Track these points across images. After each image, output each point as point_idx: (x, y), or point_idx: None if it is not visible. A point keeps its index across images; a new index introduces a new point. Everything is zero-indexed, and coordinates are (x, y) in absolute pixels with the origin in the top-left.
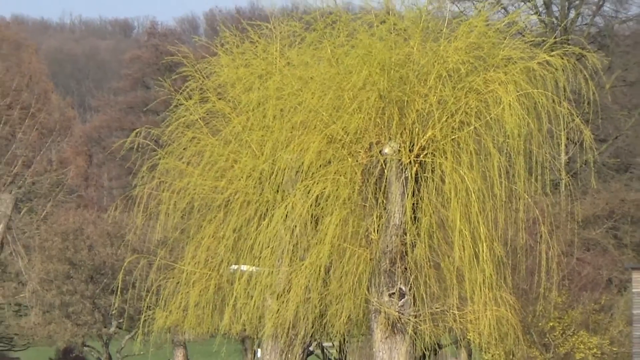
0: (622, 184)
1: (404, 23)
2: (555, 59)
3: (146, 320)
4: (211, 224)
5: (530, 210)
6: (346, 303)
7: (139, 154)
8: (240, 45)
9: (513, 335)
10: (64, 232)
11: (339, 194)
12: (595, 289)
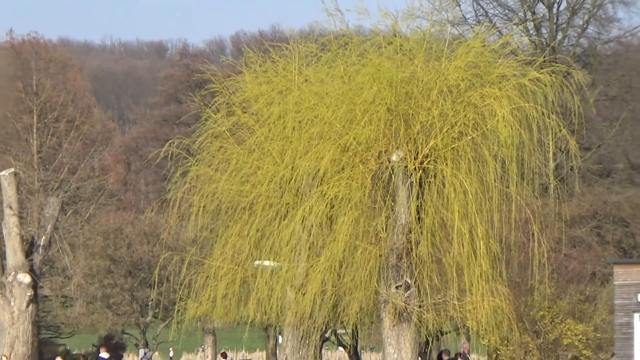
0: (605, 188)
1: (409, 44)
2: (545, 76)
3: (179, 311)
4: (237, 224)
5: (522, 211)
6: (358, 294)
7: (173, 161)
8: (262, 64)
9: (507, 323)
10: (105, 231)
11: (351, 197)
12: (581, 282)
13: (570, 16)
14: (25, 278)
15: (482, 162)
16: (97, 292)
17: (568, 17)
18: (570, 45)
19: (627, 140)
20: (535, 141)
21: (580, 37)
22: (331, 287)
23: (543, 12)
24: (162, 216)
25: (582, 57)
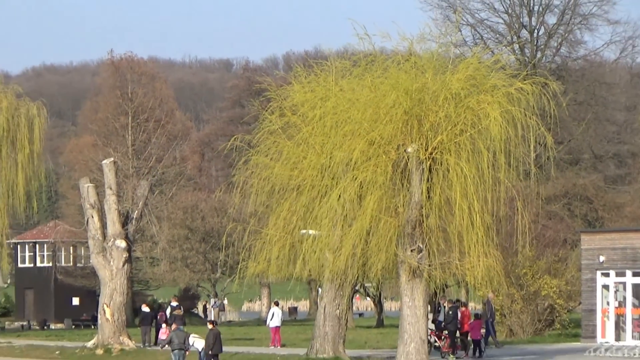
0: (574, 173)
1: (422, 61)
2: (527, 86)
3: (242, 269)
4: (287, 201)
5: (509, 191)
6: (381, 256)
7: (237, 152)
8: (307, 77)
9: (497, 278)
10: (184, 207)
11: (376, 180)
12: (555, 246)
13: (547, 39)
14: (122, 243)
15: (478, 153)
16: (178, 255)
17: (545, 40)
18: (547, 62)
19: (591, 136)
20: (519, 137)
21: (555, 55)
22: (360, 250)
23: (526, 36)
24: (229, 195)
25: (556, 71)
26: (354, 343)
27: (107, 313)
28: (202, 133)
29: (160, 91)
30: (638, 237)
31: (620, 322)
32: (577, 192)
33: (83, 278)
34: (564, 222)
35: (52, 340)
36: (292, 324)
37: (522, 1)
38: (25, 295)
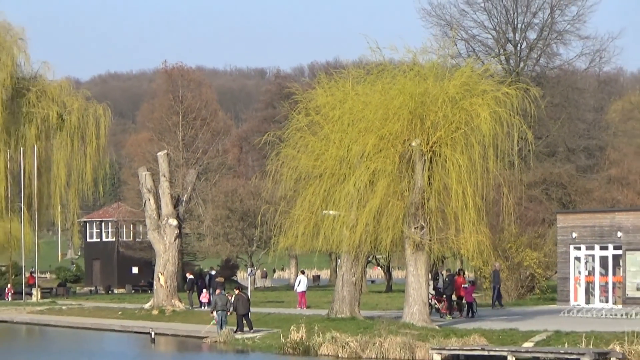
0: (551, 163)
1: (424, 70)
2: (512, 91)
3: (273, 243)
4: (311, 186)
5: (497, 179)
6: (390, 232)
7: (270, 146)
8: (328, 82)
9: (487, 251)
10: (226, 191)
11: (386, 169)
12: (535, 225)
13: (529, 52)
14: (173, 222)
15: (470, 146)
16: (220, 231)
17: (527, 53)
18: (528, 71)
19: (565, 132)
20: (505, 133)
21: (535, 65)
22: (372, 228)
23: (511, 49)
24: (263, 181)
25: (536, 78)
26: (367, 305)
27: (161, 280)
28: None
29: (206, 95)
30: (604, 217)
31: (590, 288)
32: (553, 179)
33: (141, 251)
34: (543, 204)
35: (115, 302)
36: (315, 289)
37: (507, 20)
38: (93, 265)
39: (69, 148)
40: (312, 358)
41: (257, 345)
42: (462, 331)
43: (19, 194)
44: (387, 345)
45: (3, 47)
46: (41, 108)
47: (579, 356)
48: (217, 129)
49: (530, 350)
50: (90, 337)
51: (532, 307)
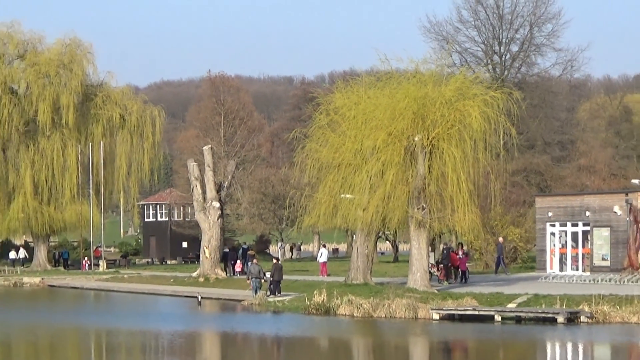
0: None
1: (425, 77)
2: (497, 94)
3: (300, 221)
4: (331, 174)
5: (485, 167)
6: (397, 212)
7: (297, 141)
8: (345, 87)
9: (477, 228)
10: (260, 179)
11: (393, 160)
12: (517, 206)
13: (512, 62)
14: (216, 204)
15: (463, 141)
16: (255, 212)
17: (510, 62)
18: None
19: (542, 129)
20: (492, 129)
21: (517, 73)
22: (382, 209)
23: (497, 59)
24: (291, 170)
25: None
26: (377, 273)
27: (206, 253)
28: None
29: (243, 98)
30: (575, 199)
31: (563, 258)
32: (533, 168)
33: (190, 228)
34: (524, 188)
35: (168, 271)
36: (334, 260)
37: (494, 35)
38: (150, 240)
39: (130, 143)
40: (332, 317)
41: (286, 306)
42: (457, 294)
43: (88, 182)
44: (394, 306)
45: (74, 60)
46: (106, 110)
47: (554, 315)
48: (253, 126)
49: (513, 310)
50: (147, 300)
51: (515, 274)
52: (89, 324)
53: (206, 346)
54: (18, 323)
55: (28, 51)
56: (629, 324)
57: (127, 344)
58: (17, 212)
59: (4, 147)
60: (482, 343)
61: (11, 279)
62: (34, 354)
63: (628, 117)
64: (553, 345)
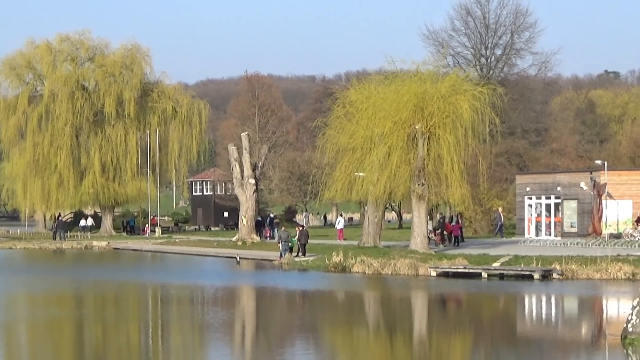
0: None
1: (424, 76)
2: (484, 90)
3: (321, 195)
4: (347, 156)
5: (474, 150)
6: (401, 188)
7: (318, 128)
8: (358, 84)
9: (467, 200)
10: (288, 160)
11: (398, 144)
12: (501, 182)
13: (496, 63)
14: (252, 181)
15: (456, 128)
16: (284, 187)
17: (495, 64)
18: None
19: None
20: (480, 119)
21: (500, 72)
22: (389, 184)
23: (483, 61)
24: (313, 153)
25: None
26: (385, 237)
27: (244, 221)
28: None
29: (274, 93)
30: (548, 177)
31: (538, 225)
32: (513, 151)
33: (230, 201)
34: (506, 168)
35: (212, 236)
36: (349, 227)
37: (481, 41)
38: (197, 211)
39: (180, 131)
40: (347, 274)
41: (310, 265)
42: (450, 255)
43: (146, 162)
44: (399, 265)
45: (135, 62)
46: (161, 103)
47: (532, 272)
48: (282, 117)
49: (497, 268)
50: (194, 260)
51: (499, 239)
52: (147, 279)
53: (243, 298)
54: (88, 279)
55: (96, 55)
56: (593, 280)
57: (177, 296)
58: (88, 187)
59: (77, 134)
60: (471, 295)
61: (83, 243)
62: (101, 304)
63: (592, 109)
64: (530, 297)
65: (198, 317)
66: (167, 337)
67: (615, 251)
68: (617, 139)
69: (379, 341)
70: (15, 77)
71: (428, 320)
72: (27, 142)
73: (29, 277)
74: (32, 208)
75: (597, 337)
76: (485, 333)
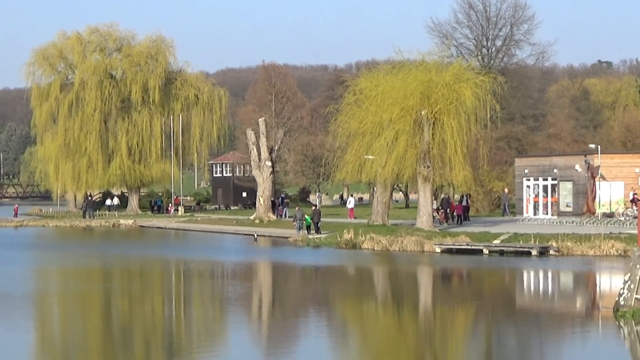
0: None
1: (429, 65)
2: (485, 78)
3: (333, 176)
4: (357, 140)
5: (476, 135)
6: (408, 169)
7: (330, 114)
8: (368, 73)
9: (470, 181)
10: (302, 144)
11: (405, 128)
12: (501, 164)
13: (496, 54)
14: (269, 163)
15: (459, 114)
16: (298, 169)
17: (495, 54)
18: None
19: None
20: (481, 105)
21: (501, 62)
22: (397, 166)
23: (485, 52)
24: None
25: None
26: (393, 216)
27: (261, 200)
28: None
29: (289, 82)
30: (545, 160)
31: (536, 205)
32: (513, 135)
33: (248, 182)
34: (506, 151)
35: (231, 215)
36: (359, 206)
37: (483, 33)
38: (217, 191)
39: (202, 116)
40: (357, 250)
41: (322, 242)
42: (454, 233)
43: (170, 146)
44: (406, 242)
45: (159, 52)
46: (184, 91)
47: (530, 249)
48: (296, 103)
49: (498, 245)
50: (215, 237)
51: (499, 218)
52: (170, 255)
53: (260, 272)
54: (115, 254)
55: (123, 45)
56: (587, 256)
57: (199, 270)
58: (115, 169)
59: (105, 119)
60: (473, 270)
61: (110, 221)
62: (127, 277)
63: (586, 96)
64: (528, 273)
65: (218, 290)
66: (188, 308)
67: (608, 229)
68: (609, 124)
69: (387, 313)
70: (48, 67)
71: (433, 293)
72: (59, 126)
73: (60, 253)
74: (63, 188)
75: (591, 309)
76: (487, 305)
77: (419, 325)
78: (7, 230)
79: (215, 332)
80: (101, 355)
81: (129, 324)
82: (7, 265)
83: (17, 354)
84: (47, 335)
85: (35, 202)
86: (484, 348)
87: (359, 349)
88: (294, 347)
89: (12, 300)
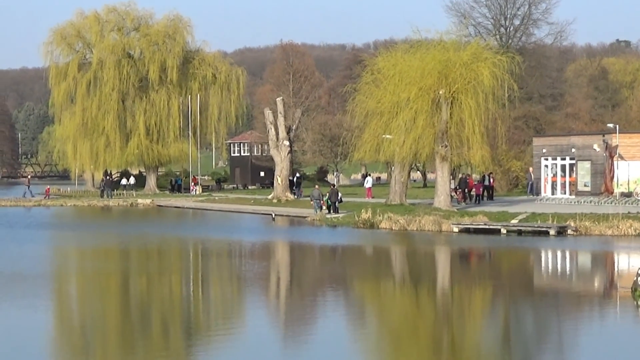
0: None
1: (447, 44)
2: (503, 58)
3: (351, 156)
4: (375, 119)
5: (494, 114)
6: (426, 149)
7: (348, 94)
8: (386, 53)
9: (488, 161)
10: (320, 123)
11: (423, 108)
12: (519, 144)
13: (514, 33)
14: (286, 143)
15: (477, 94)
16: (316, 148)
17: (514, 33)
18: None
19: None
20: (499, 85)
21: (519, 41)
22: (415, 146)
23: (503, 31)
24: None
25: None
26: (410, 196)
27: (279, 180)
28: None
29: (307, 61)
30: (563, 139)
31: (554, 185)
32: (531, 114)
33: (266, 161)
34: (524, 131)
35: (249, 194)
36: (377, 186)
37: (501, 12)
38: (235, 170)
39: (219, 96)
40: (375, 230)
41: (340, 222)
42: (472, 213)
43: (188, 125)
44: (424, 221)
45: (177, 31)
46: (201, 70)
47: (548, 229)
48: (314, 83)
49: (516, 225)
50: (232, 217)
51: (517, 197)
52: (188, 234)
53: (278, 252)
54: (133, 234)
55: (141, 24)
56: (605, 236)
57: (216, 249)
58: (133, 149)
59: (123, 99)
60: (491, 250)
61: (128, 201)
62: (145, 256)
63: (604, 75)
64: (546, 252)
65: (236, 270)
66: (206, 287)
67: (626, 209)
68: (628, 104)
69: (404, 292)
70: (66, 46)
71: (450, 273)
72: (77, 106)
73: (78, 232)
74: (81, 168)
75: (609, 289)
76: (504, 285)
77: (437, 305)
78: (40, 209)
79: (232, 311)
80: (119, 335)
81: (147, 303)
82: (25, 244)
83: (36, 334)
84: (65, 315)
85: (53, 181)
86: (502, 328)
87: (377, 328)
88: (311, 327)
89: (30, 280)
